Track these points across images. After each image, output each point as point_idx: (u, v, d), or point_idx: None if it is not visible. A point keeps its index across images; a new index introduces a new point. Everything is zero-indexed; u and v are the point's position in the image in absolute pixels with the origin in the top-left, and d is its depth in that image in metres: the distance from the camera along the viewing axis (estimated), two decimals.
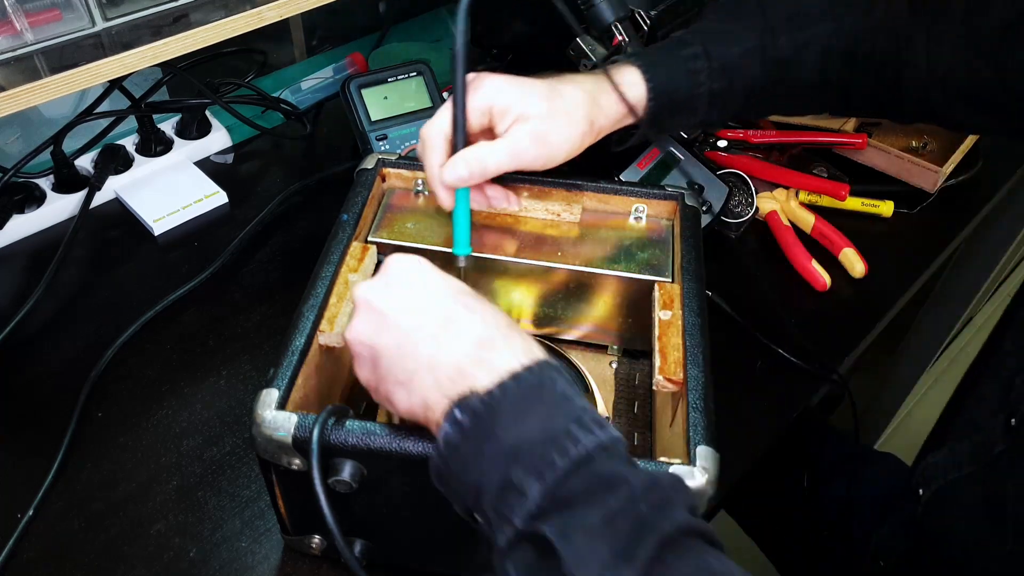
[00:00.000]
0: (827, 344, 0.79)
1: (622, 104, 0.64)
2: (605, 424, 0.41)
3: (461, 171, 0.58)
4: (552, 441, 0.39)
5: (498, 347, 0.44)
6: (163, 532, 0.61)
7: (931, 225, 0.94)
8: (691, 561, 0.37)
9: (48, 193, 0.85)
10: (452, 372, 0.43)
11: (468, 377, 0.43)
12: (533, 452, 0.39)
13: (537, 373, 0.42)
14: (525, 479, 0.39)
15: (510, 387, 0.42)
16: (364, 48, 1.11)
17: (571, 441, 0.39)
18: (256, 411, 0.49)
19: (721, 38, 0.68)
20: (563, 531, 0.37)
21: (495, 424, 0.41)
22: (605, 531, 0.37)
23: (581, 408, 0.41)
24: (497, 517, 0.40)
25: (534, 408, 0.41)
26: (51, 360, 0.73)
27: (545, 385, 0.42)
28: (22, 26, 0.58)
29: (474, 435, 0.41)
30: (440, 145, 0.59)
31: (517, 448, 0.40)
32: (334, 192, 0.81)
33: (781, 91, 0.70)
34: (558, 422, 0.40)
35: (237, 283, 0.81)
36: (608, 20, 0.81)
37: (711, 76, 0.67)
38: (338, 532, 0.45)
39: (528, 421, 0.40)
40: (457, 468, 0.42)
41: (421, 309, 0.46)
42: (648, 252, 0.65)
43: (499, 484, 0.40)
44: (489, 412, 0.41)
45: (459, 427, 0.41)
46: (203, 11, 0.65)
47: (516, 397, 0.41)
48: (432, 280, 0.48)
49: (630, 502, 0.38)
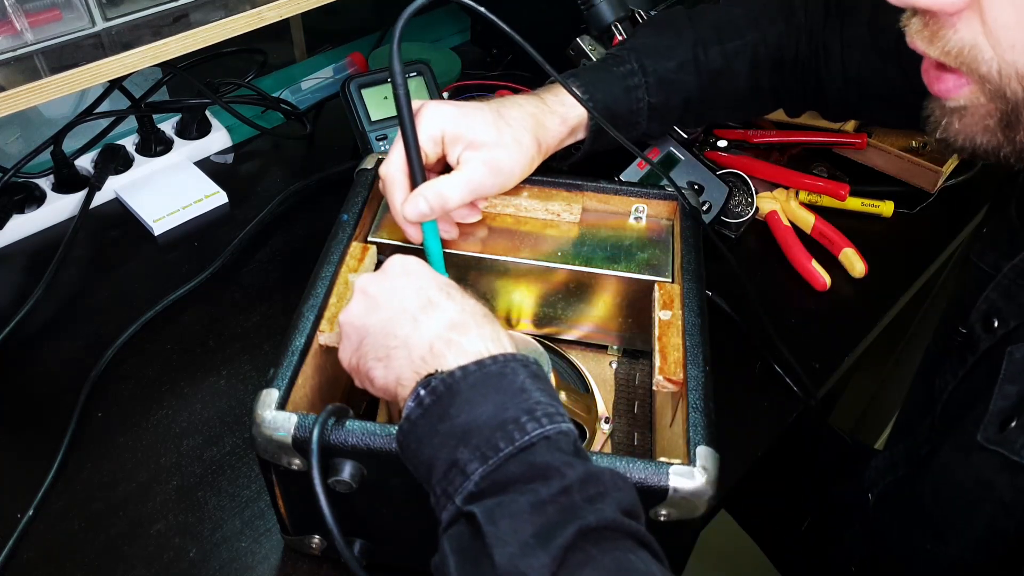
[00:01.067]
0: (827, 344, 0.79)
1: (565, 125, 0.67)
2: (557, 418, 0.42)
3: (422, 207, 0.59)
4: (500, 427, 0.41)
5: (469, 332, 0.46)
6: (163, 532, 0.61)
7: (931, 225, 0.94)
8: (610, 554, 0.37)
9: (48, 193, 0.85)
10: (425, 352, 0.46)
11: (438, 357, 0.45)
12: (481, 435, 0.41)
13: (501, 363, 0.44)
14: (469, 460, 0.41)
15: (472, 371, 0.43)
16: (364, 48, 1.11)
17: (518, 429, 0.41)
18: (256, 411, 0.49)
19: (655, 53, 0.71)
20: (491, 513, 0.39)
21: (451, 405, 0.42)
22: (531, 516, 0.38)
23: (536, 402, 0.43)
24: (443, 495, 0.42)
25: (490, 395, 0.42)
26: (51, 360, 0.73)
27: (506, 375, 0.44)
28: (22, 26, 0.58)
29: (432, 413, 0.43)
30: (401, 181, 0.60)
31: (467, 430, 0.41)
32: (334, 192, 0.81)
33: (717, 100, 0.74)
34: (510, 411, 0.42)
35: (237, 283, 0.81)
36: (608, 20, 0.81)
37: (648, 91, 0.70)
38: (338, 532, 0.45)
39: (482, 406, 0.42)
40: (414, 444, 0.44)
41: (407, 295, 0.49)
42: (648, 252, 0.65)
43: (447, 463, 0.41)
44: (448, 392, 0.43)
45: (420, 404, 0.43)
46: (203, 11, 0.65)
47: (475, 381, 0.43)
48: (422, 272, 0.51)
49: (562, 492, 0.39)
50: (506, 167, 0.62)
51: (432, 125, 0.60)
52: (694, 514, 0.48)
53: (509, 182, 0.63)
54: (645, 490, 0.47)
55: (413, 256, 0.53)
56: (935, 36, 0.48)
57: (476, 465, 0.40)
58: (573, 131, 0.68)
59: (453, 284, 0.51)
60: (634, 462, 0.47)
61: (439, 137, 0.61)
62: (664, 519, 0.48)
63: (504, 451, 0.40)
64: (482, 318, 0.48)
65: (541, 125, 0.65)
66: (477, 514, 0.39)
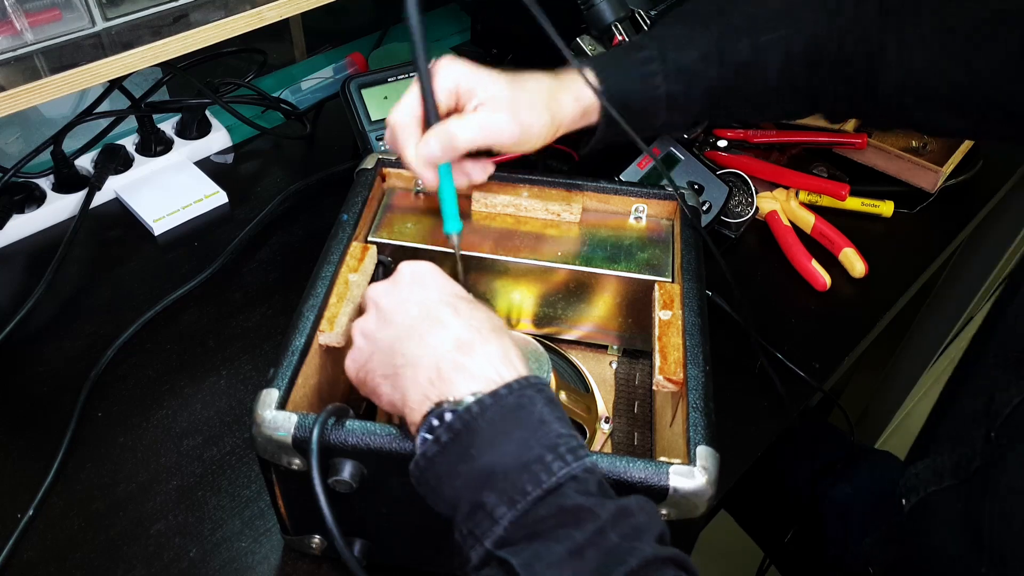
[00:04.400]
0: (827, 344, 0.79)
1: (579, 104, 0.64)
2: (580, 451, 0.41)
3: (433, 148, 0.57)
4: (525, 468, 0.40)
5: (476, 352, 0.45)
6: (163, 532, 0.61)
7: (931, 225, 0.94)
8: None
9: (48, 193, 0.85)
10: (432, 372, 0.45)
11: (446, 381, 0.44)
12: (506, 478, 0.40)
13: (517, 392, 0.43)
14: (496, 505, 0.40)
15: (489, 405, 0.42)
16: (364, 48, 1.11)
17: (544, 470, 0.40)
18: (256, 411, 0.49)
19: (677, 42, 0.67)
20: (528, 562, 0.38)
21: (471, 444, 0.41)
22: (571, 564, 0.37)
23: (557, 435, 0.42)
24: (469, 535, 0.41)
25: (510, 432, 0.41)
26: (51, 360, 0.73)
27: (524, 407, 0.42)
28: (22, 26, 0.58)
29: (450, 451, 0.42)
30: (412, 127, 0.58)
31: (491, 472, 0.40)
32: (334, 192, 0.81)
33: (744, 94, 0.70)
34: (533, 449, 0.41)
35: (237, 283, 0.81)
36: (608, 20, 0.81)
37: (667, 79, 0.66)
38: (338, 532, 0.45)
39: (504, 445, 0.41)
40: (433, 481, 0.43)
41: (414, 309, 0.48)
42: (648, 252, 0.65)
43: (471, 504, 0.40)
44: (466, 429, 0.41)
45: (436, 440, 0.42)
46: (203, 11, 0.65)
47: (494, 417, 0.42)
48: (432, 282, 0.50)
49: (597, 534, 0.38)
50: (524, 119, 0.59)
51: (447, 77, 0.58)
52: (694, 514, 0.48)
53: (526, 138, 0.60)
54: (645, 490, 0.47)
55: (424, 262, 0.52)
56: None
57: (504, 509, 0.39)
58: (586, 113, 0.65)
59: (463, 294, 0.50)
60: (634, 462, 0.47)
61: (454, 89, 0.59)
62: (664, 519, 0.48)
63: (532, 494, 0.39)
64: (489, 333, 0.46)
65: (555, 99, 0.63)
66: (514, 564, 0.38)
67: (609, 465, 0.47)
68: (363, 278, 0.61)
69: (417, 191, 0.69)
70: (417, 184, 0.69)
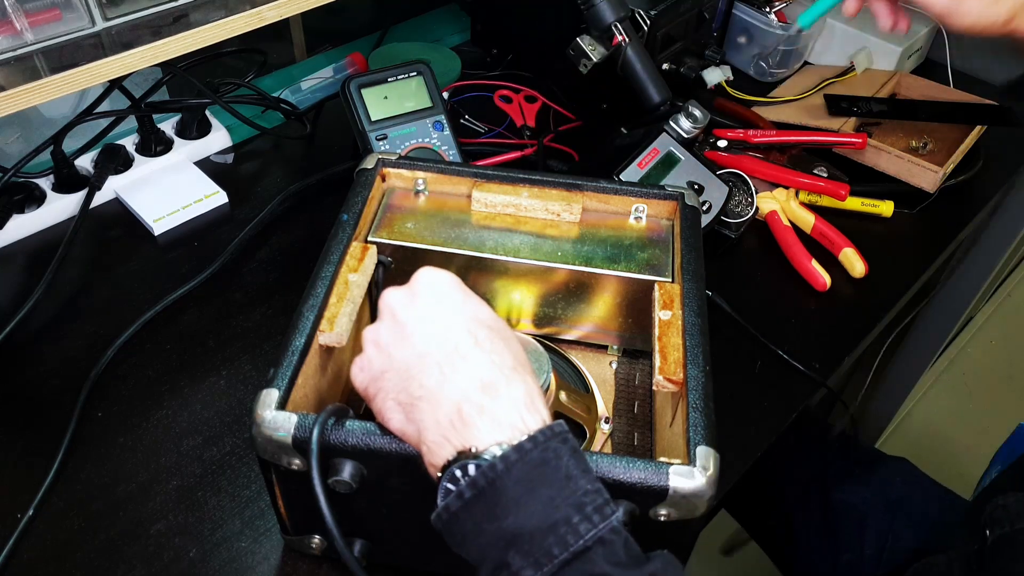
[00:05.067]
0: (827, 344, 0.79)
1: None
2: (606, 510, 0.41)
3: None
4: (552, 530, 0.39)
5: (500, 394, 0.43)
6: (163, 532, 0.61)
7: (931, 225, 0.94)
8: None
9: (48, 193, 0.85)
10: (452, 414, 0.43)
11: (469, 426, 0.42)
12: (532, 539, 0.39)
13: (542, 446, 0.41)
14: (523, 567, 0.39)
15: (514, 461, 0.41)
16: (364, 48, 1.11)
17: (571, 532, 0.39)
18: (256, 411, 0.49)
19: None
20: None
21: (496, 503, 0.40)
22: None
23: (584, 492, 0.41)
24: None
25: (536, 490, 0.40)
26: (51, 360, 0.73)
27: (549, 462, 0.41)
28: (22, 26, 0.58)
29: (474, 509, 0.41)
30: None
31: (517, 533, 0.39)
32: (334, 192, 0.81)
33: None
34: (560, 509, 0.40)
35: (237, 283, 0.81)
36: (608, 20, 0.81)
37: None
38: (338, 532, 0.45)
39: (529, 505, 0.40)
40: (458, 536, 0.42)
41: (435, 333, 0.46)
42: (648, 252, 0.65)
43: (495, 563, 0.40)
44: (491, 487, 0.40)
45: (459, 495, 0.41)
46: (203, 11, 0.65)
47: (519, 475, 0.40)
48: (453, 301, 0.48)
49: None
50: None
51: None
52: (694, 514, 0.48)
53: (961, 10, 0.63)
54: (645, 490, 0.47)
55: (444, 273, 0.49)
56: None
57: (530, 572, 0.39)
58: None
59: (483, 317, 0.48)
60: (634, 462, 0.47)
61: None
62: (664, 519, 0.48)
63: (559, 557, 0.39)
64: (512, 372, 0.45)
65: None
66: None
67: (609, 465, 0.47)
68: (363, 278, 0.61)
69: (417, 191, 0.69)
70: (417, 184, 0.69)
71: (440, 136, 0.86)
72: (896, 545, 0.85)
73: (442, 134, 0.86)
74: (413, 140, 0.85)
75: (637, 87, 0.83)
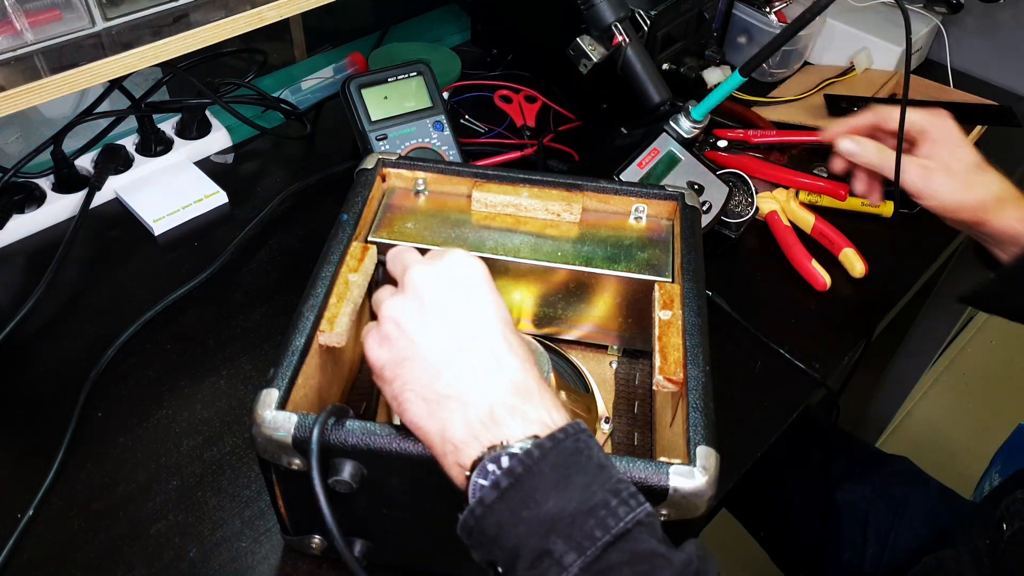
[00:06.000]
0: (827, 344, 0.79)
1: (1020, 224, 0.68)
2: (640, 497, 0.41)
3: None
4: (592, 513, 0.39)
5: (533, 397, 0.44)
6: (163, 532, 0.61)
7: (931, 225, 0.94)
8: None
9: (48, 193, 0.85)
10: (484, 415, 0.43)
11: (501, 425, 0.42)
12: (573, 523, 0.39)
13: (573, 436, 0.42)
14: (565, 552, 0.39)
15: (549, 448, 0.41)
16: (364, 48, 1.11)
17: (611, 515, 0.39)
18: (256, 411, 0.49)
19: None
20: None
21: (535, 489, 0.40)
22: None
23: (617, 480, 0.41)
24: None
25: (573, 476, 0.40)
26: (51, 360, 0.73)
27: (582, 451, 0.41)
28: (22, 26, 0.58)
29: (511, 497, 0.40)
30: None
31: (557, 518, 0.39)
32: (334, 192, 0.81)
33: None
34: (597, 495, 0.40)
35: (237, 283, 0.81)
36: (608, 20, 0.81)
37: None
38: (338, 532, 0.45)
39: (568, 490, 0.40)
40: (492, 529, 0.41)
41: (470, 334, 0.46)
42: (648, 252, 0.65)
43: (536, 552, 0.39)
44: (528, 473, 0.40)
45: (495, 486, 0.41)
46: (203, 11, 0.65)
47: (555, 462, 0.41)
48: (485, 299, 0.47)
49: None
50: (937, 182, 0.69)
51: None
52: (694, 514, 0.48)
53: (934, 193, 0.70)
54: (645, 490, 0.47)
55: (477, 263, 0.49)
56: None
57: (573, 556, 0.39)
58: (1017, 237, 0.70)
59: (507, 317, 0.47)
60: (634, 462, 0.47)
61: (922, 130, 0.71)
62: (664, 519, 0.48)
63: (601, 540, 0.39)
64: (538, 379, 0.45)
65: (1000, 204, 0.70)
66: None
67: None
68: (363, 278, 0.61)
69: (417, 191, 0.69)
70: (417, 184, 0.69)
71: (440, 136, 0.86)
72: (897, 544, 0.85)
73: (442, 134, 0.86)
74: (413, 140, 0.85)
75: (637, 87, 0.83)
